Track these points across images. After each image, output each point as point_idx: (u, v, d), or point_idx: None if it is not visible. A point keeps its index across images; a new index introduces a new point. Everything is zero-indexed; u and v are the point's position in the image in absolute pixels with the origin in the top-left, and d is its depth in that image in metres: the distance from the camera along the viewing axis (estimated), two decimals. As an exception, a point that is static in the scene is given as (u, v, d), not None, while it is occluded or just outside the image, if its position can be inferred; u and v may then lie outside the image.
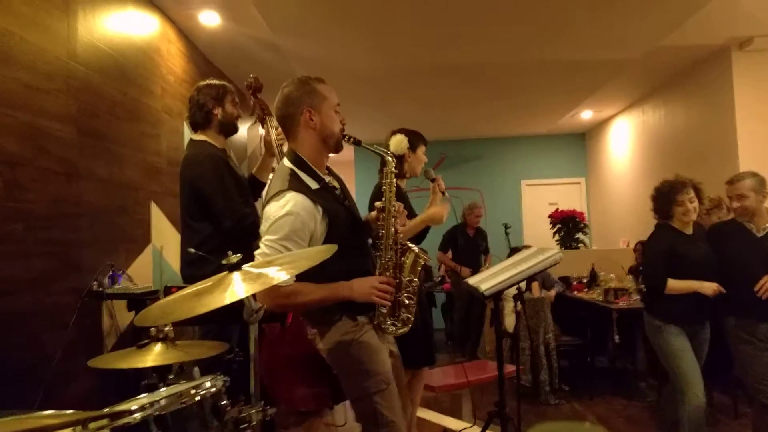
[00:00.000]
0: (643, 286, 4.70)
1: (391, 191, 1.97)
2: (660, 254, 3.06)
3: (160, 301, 1.56)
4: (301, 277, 1.71)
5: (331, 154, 2.04)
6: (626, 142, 7.41)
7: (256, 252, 1.85)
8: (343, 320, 1.90)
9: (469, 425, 3.83)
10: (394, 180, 2.01)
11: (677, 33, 4.55)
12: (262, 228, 1.86)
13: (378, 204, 1.98)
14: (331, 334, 1.90)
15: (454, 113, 7.21)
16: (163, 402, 1.26)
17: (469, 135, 8.56)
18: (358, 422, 1.92)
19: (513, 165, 8.76)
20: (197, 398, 1.36)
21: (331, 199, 1.91)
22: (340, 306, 1.88)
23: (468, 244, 6.23)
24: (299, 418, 3.84)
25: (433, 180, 2.99)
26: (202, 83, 2.77)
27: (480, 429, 2.75)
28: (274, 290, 1.74)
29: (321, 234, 1.86)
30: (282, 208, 1.80)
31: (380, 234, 1.95)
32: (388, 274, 1.93)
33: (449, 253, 6.32)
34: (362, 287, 1.85)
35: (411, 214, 2.86)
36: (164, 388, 1.38)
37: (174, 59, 4.28)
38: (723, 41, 4.90)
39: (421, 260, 1.99)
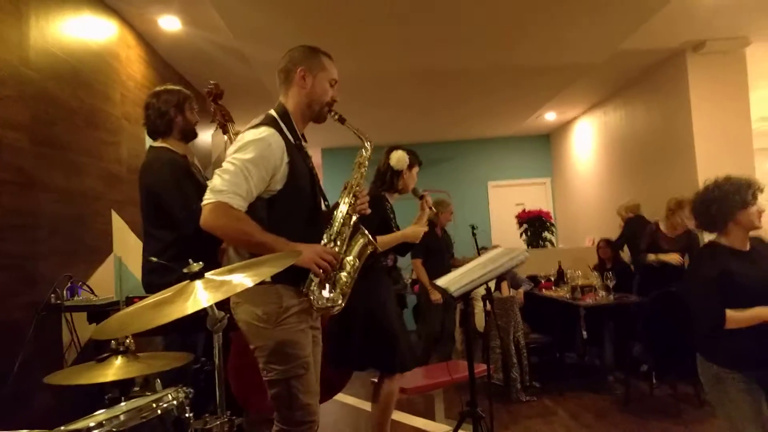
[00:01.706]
0: (609, 282, 4.82)
1: (360, 173, 2.07)
2: (710, 282, 2.29)
3: (119, 312, 1.52)
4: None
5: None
6: (589, 143, 7.57)
7: (217, 170, 1.84)
8: (271, 290, 1.83)
9: (441, 426, 3.84)
10: (366, 165, 2.11)
11: (634, 37, 4.68)
12: (231, 149, 1.88)
13: (345, 181, 2.06)
14: (256, 306, 1.84)
15: (422, 117, 7.25)
16: (122, 417, 1.22)
17: (437, 138, 8.61)
18: (272, 401, 1.89)
19: (479, 167, 8.85)
20: (159, 412, 1.31)
21: (299, 157, 1.95)
22: (284, 273, 1.79)
23: (438, 246, 5.48)
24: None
25: (421, 197, 3.04)
26: (160, 89, 2.71)
27: (452, 429, 2.75)
28: (227, 210, 1.76)
29: (281, 178, 1.87)
30: (258, 135, 1.84)
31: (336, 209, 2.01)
32: (332, 246, 1.93)
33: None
34: (305, 251, 1.81)
35: (393, 228, 2.96)
36: (124, 403, 1.33)
37: (133, 65, 4.19)
38: (678, 44, 5.05)
39: (370, 247, 2.02)
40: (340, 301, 1.93)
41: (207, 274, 1.56)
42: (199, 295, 1.46)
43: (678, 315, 4.05)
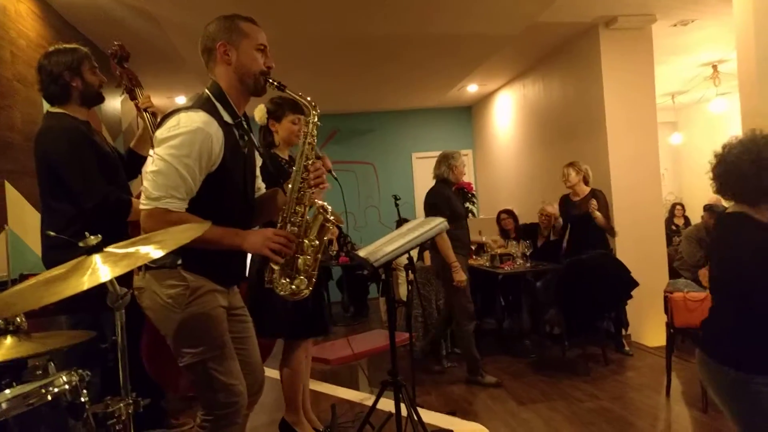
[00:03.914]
0: (526, 250, 5.00)
1: (308, 144, 1.92)
2: (760, 250, 1.75)
3: (5, 291, 1.38)
4: None
5: None
6: (509, 115, 7.75)
7: (149, 171, 1.68)
8: (174, 273, 1.73)
9: (364, 395, 3.88)
10: (314, 134, 1.95)
11: (551, 10, 4.77)
12: (162, 133, 1.69)
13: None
14: (160, 290, 1.74)
15: (345, 86, 7.13)
16: (4, 406, 1.11)
17: (361, 108, 8.54)
18: (192, 386, 1.82)
19: (404, 138, 8.88)
20: (48, 398, 1.20)
21: (236, 141, 1.82)
22: (198, 263, 1.72)
23: (462, 209, 4.43)
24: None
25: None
26: (51, 49, 2.45)
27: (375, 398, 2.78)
28: (165, 214, 1.64)
29: (213, 166, 1.74)
30: (193, 123, 1.68)
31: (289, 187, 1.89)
32: (289, 228, 1.83)
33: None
34: (255, 238, 1.73)
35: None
36: (9, 390, 1.21)
37: (25, 21, 3.80)
38: (591, 19, 5.21)
39: (329, 225, 1.89)
40: (304, 286, 1.84)
41: (107, 248, 1.45)
42: (98, 270, 1.35)
43: (587, 282, 4.29)
